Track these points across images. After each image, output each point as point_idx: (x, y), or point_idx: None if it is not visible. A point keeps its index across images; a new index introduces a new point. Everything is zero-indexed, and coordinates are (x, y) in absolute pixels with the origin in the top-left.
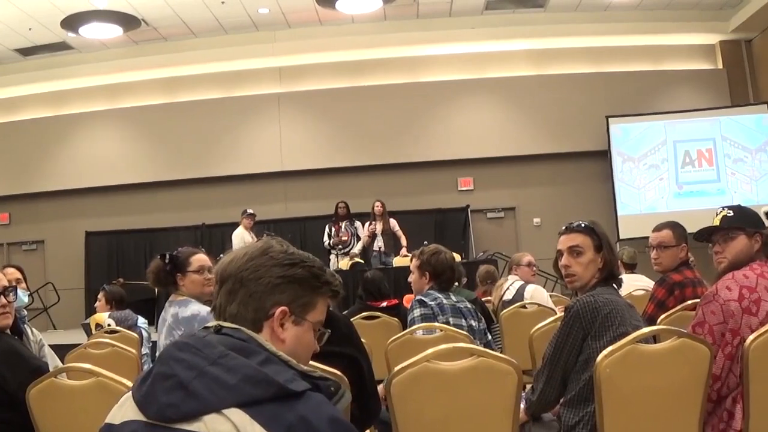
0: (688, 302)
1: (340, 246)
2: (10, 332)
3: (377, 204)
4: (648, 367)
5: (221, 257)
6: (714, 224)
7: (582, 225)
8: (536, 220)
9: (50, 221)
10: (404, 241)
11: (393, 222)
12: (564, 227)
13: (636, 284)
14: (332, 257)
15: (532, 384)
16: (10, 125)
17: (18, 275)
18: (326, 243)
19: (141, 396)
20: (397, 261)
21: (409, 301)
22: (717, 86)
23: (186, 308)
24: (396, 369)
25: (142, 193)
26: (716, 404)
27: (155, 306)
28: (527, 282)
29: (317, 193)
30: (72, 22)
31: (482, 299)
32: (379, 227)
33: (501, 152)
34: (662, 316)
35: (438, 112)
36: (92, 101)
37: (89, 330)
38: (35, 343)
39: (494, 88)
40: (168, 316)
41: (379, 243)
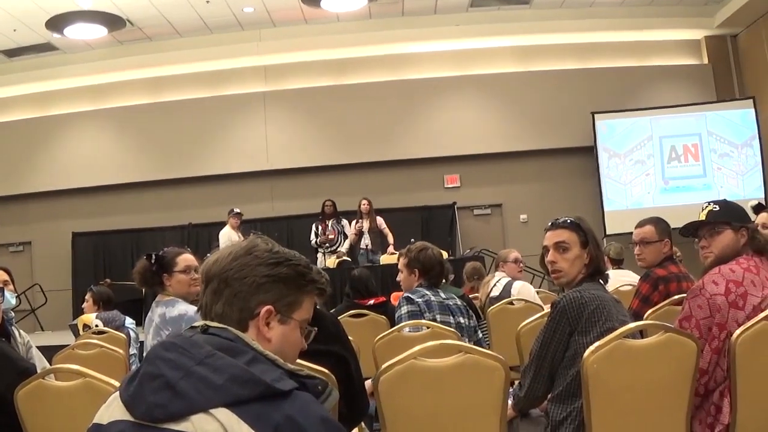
0: (675, 297)
1: (327, 244)
2: None
3: (364, 202)
4: (635, 362)
5: (208, 257)
6: (700, 219)
7: (568, 221)
8: (523, 217)
9: (37, 222)
10: (391, 239)
11: (380, 220)
12: (550, 223)
13: (623, 280)
14: (319, 255)
15: (520, 380)
16: None
17: (5, 277)
18: (313, 241)
19: (128, 396)
20: (384, 259)
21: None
22: (703, 81)
23: (173, 308)
24: (383, 366)
25: (129, 194)
26: (704, 398)
27: (143, 306)
28: (514, 278)
29: (304, 192)
30: (57, 23)
31: (469, 296)
32: (366, 225)
33: (487, 149)
34: (649, 311)
35: (424, 110)
36: (78, 102)
37: (77, 331)
38: (23, 345)
39: (480, 85)
40: (155, 316)
41: (366, 241)
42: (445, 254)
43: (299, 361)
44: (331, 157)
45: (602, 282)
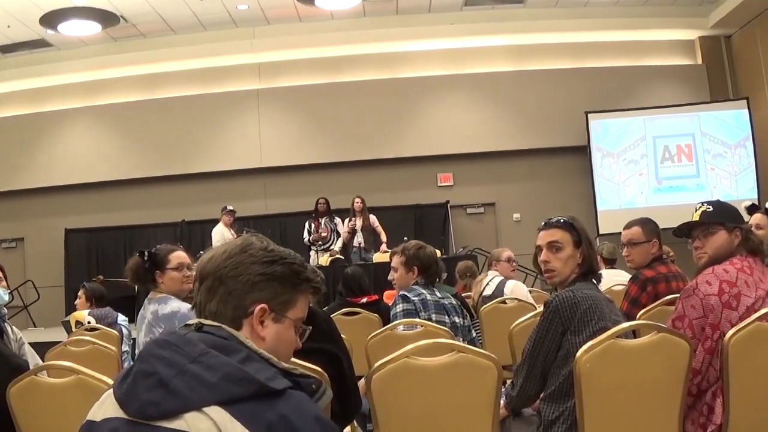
0: (668, 297)
1: (320, 242)
2: None
3: (357, 200)
4: (628, 362)
5: (201, 254)
6: (694, 219)
7: (561, 220)
8: (516, 216)
9: (30, 219)
10: (384, 237)
11: (373, 218)
12: (543, 223)
13: (616, 279)
14: (312, 253)
15: (512, 379)
16: None
17: None
18: (306, 239)
19: (122, 393)
20: (377, 257)
21: (390, 297)
22: (696, 82)
23: (166, 305)
24: (376, 365)
25: (122, 190)
26: (696, 398)
27: (135, 303)
28: (507, 277)
29: (297, 190)
30: (51, 19)
31: (462, 295)
32: (359, 223)
33: (481, 148)
34: (641, 312)
35: (417, 108)
36: (71, 98)
37: (69, 328)
38: (15, 342)
39: (474, 84)
40: (147, 313)
41: (359, 239)
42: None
43: (293, 360)
44: (325, 155)
45: (595, 281)
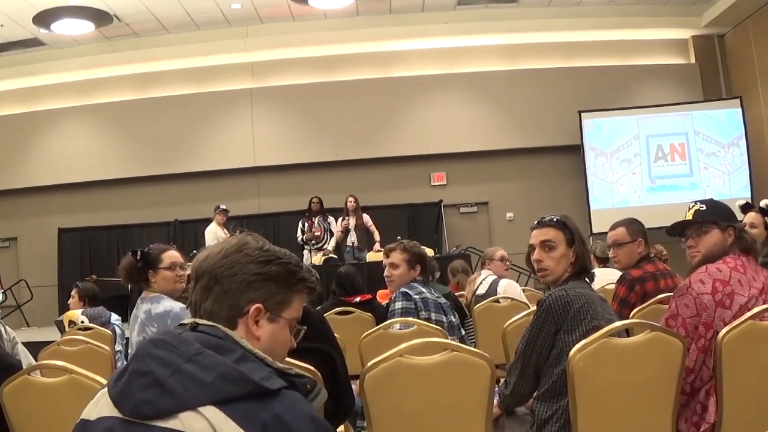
0: (661, 296)
1: (313, 241)
2: None
3: (350, 199)
4: (621, 361)
5: (194, 254)
6: (687, 218)
7: (554, 219)
8: (509, 215)
9: (23, 218)
10: (377, 236)
11: (366, 217)
12: (536, 222)
13: (609, 278)
14: (305, 253)
15: (506, 378)
16: None
17: None
18: (299, 238)
19: (117, 392)
20: (371, 256)
21: (383, 297)
22: (689, 81)
23: (158, 304)
24: (369, 364)
25: (115, 190)
26: (690, 397)
27: (128, 302)
28: (500, 276)
29: (290, 189)
30: (44, 18)
31: (455, 294)
32: (352, 222)
33: (474, 147)
34: (635, 310)
35: (411, 108)
36: (64, 97)
37: (62, 327)
38: (8, 341)
39: (467, 83)
40: (140, 313)
41: (353, 238)
42: (431, 252)
43: (287, 359)
44: (318, 155)
45: (588, 280)
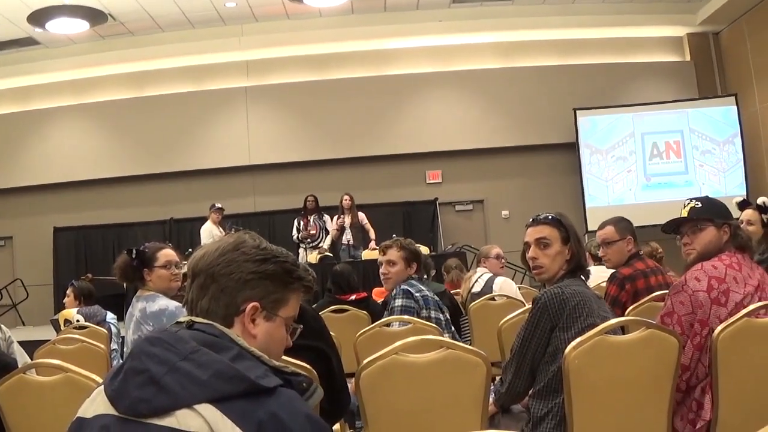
0: (656, 293)
1: (309, 240)
2: None
3: (345, 197)
4: (616, 358)
5: (190, 252)
6: (682, 216)
7: (549, 217)
8: (504, 213)
9: (18, 217)
10: (373, 235)
11: (361, 215)
12: (531, 219)
13: (604, 276)
14: (301, 251)
15: (501, 376)
16: None
17: None
18: (295, 237)
19: (113, 390)
20: (366, 254)
21: (379, 295)
22: (685, 78)
23: (154, 303)
24: (365, 362)
25: (110, 188)
26: (685, 394)
27: (124, 301)
28: (496, 274)
29: (286, 187)
30: (38, 18)
31: (451, 291)
32: (348, 221)
33: (469, 145)
34: (630, 308)
35: (406, 105)
36: (59, 96)
37: (58, 326)
38: (4, 341)
39: (462, 81)
40: (136, 311)
41: (348, 236)
42: (427, 250)
43: (283, 357)
44: (313, 153)
45: (583, 278)
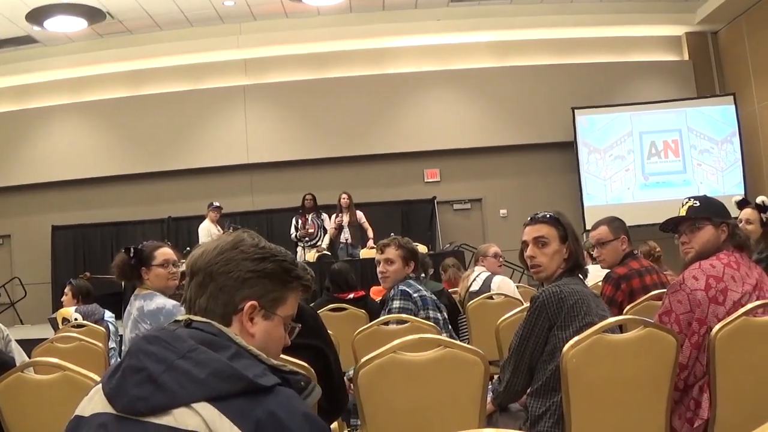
0: (654, 292)
1: (307, 238)
2: None
3: (344, 196)
4: (614, 357)
5: (188, 251)
6: (680, 214)
7: (547, 216)
8: (503, 212)
9: (16, 216)
10: (371, 233)
11: (360, 214)
12: (529, 218)
13: (602, 275)
14: (299, 250)
15: (499, 374)
16: None
17: None
18: (293, 235)
19: (111, 389)
20: (364, 253)
21: (377, 293)
22: (683, 77)
23: (151, 301)
24: (363, 360)
25: (108, 187)
26: (683, 393)
27: (122, 300)
28: (494, 273)
29: (284, 186)
30: (37, 16)
31: (448, 290)
32: (346, 219)
33: (467, 144)
34: (628, 307)
35: (404, 104)
36: (58, 95)
37: (56, 324)
38: (2, 339)
39: (461, 80)
40: (133, 310)
41: (346, 235)
42: (425, 249)
43: (281, 356)
44: (311, 151)
45: (581, 277)
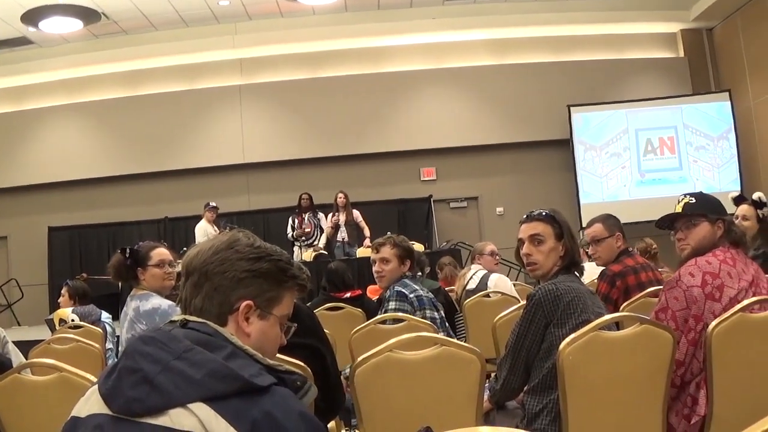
0: (651, 288)
1: (304, 238)
2: None
3: (340, 195)
4: (611, 354)
5: (184, 251)
6: (676, 211)
7: (543, 213)
8: (499, 210)
9: (13, 217)
10: (368, 232)
11: (356, 213)
12: (525, 216)
13: (598, 272)
14: (296, 249)
15: (496, 372)
16: None
17: None
18: (289, 235)
19: (107, 390)
20: (361, 252)
21: (373, 292)
22: (678, 74)
23: (147, 302)
24: (359, 359)
25: (105, 188)
26: (680, 390)
27: (119, 300)
28: (490, 271)
29: (280, 185)
30: (32, 17)
31: (445, 288)
32: (342, 218)
33: (463, 142)
34: (624, 304)
35: (400, 103)
36: (53, 96)
37: (53, 326)
38: None
39: (456, 78)
40: (129, 310)
41: (343, 234)
42: (422, 247)
43: (278, 355)
44: (308, 151)
45: (578, 274)
